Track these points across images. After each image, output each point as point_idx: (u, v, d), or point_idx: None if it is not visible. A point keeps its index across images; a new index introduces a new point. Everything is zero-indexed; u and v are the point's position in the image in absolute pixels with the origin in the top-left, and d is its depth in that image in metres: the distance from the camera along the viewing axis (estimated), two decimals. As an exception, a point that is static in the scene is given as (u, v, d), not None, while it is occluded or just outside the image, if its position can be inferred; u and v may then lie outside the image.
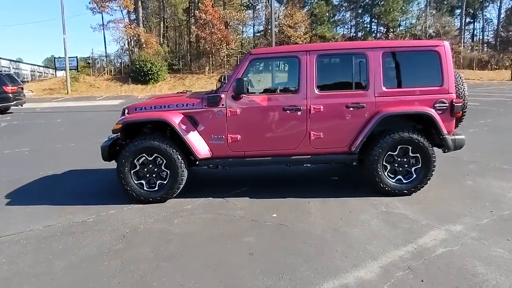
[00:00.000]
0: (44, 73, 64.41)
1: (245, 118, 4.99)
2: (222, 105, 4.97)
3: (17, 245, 3.88)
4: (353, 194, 5.10)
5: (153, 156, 4.95)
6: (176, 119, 4.89)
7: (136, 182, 4.98)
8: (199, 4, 37.54)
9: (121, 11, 38.69)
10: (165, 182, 4.99)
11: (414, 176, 5.02)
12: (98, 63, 40.10)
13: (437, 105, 4.94)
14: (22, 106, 17.66)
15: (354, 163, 5.24)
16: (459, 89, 5.33)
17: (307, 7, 42.85)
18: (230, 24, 39.14)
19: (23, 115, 16.79)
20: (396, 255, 3.46)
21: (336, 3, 45.02)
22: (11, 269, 3.41)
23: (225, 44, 37.63)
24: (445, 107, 4.95)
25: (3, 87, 16.50)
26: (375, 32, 45.62)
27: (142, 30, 36.71)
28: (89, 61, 40.52)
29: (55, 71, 40.78)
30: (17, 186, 5.96)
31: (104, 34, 45.06)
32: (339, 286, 3.02)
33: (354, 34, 44.12)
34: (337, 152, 5.06)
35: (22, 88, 18.11)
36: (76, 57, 37.26)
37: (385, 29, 44.92)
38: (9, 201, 5.26)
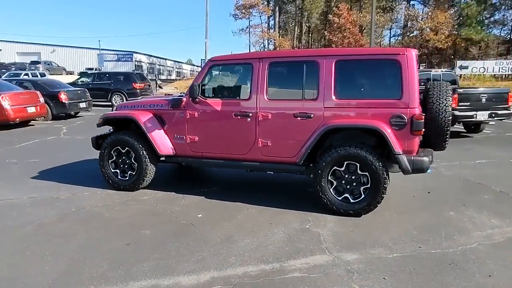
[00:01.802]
0: (201, 72, 71.92)
1: (201, 121, 5.23)
2: (184, 107, 5.31)
3: (-11, 208, 4.94)
4: (302, 207, 4.85)
5: (125, 149, 5.57)
6: (143, 118, 5.41)
7: (112, 170, 5.68)
8: (334, 8, 37.42)
9: (260, 16, 41.02)
10: (134, 173, 5.57)
11: (363, 196, 4.56)
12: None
13: (393, 120, 4.40)
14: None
15: (312, 176, 4.99)
16: (439, 103, 4.62)
17: (455, 7, 38.65)
18: (364, 28, 37.95)
19: (145, 109, 19.50)
20: (243, 271, 3.36)
21: (495, 1, 39.38)
22: (-36, 224, 4.41)
23: (357, 48, 36.72)
24: (403, 123, 4.37)
25: (133, 84, 19.48)
26: (544, 33, 38.51)
27: (276, 34, 38.34)
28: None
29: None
30: (57, 165, 7.27)
31: (249, 38, 48.21)
32: (147, 286, 3.14)
33: (514, 36, 38.06)
34: (285, 162, 4.90)
35: (149, 86, 21.04)
36: (218, 59, 40.92)
37: (559, 30, 37.56)
38: (36, 175, 6.52)
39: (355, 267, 3.42)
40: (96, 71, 25.87)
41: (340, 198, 4.63)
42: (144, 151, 5.40)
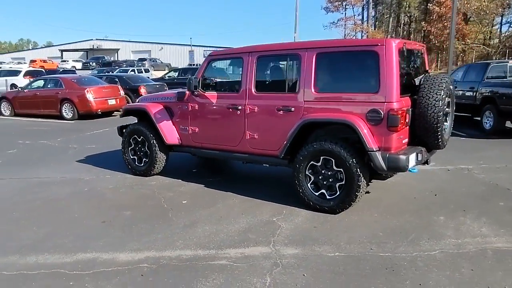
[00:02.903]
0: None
1: (200, 113, 5.50)
2: (187, 100, 5.63)
3: (22, 183, 5.83)
4: (287, 201, 4.79)
5: (141, 138, 6.08)
6: (153, 110, 5.85)
7: (131, 157, 6.25)
8: (435, -5, 34.67)
9: (352, 8, 39.73)
10: (147, 160, 6.06)
11: (338, 193, 4.41)
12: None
13: (370, 114, 4.18)
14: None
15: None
16: (429, 97, 4.26)
17: None
18: (470, 16, 34.45)
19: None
20: (178, 254, 3.56)
21: None
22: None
23: (460, 39, 33.61)
24: (379, 118, 4.13)
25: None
26: None
27: (369, 27, 36.86)
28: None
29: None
30: (106, 151, 8.15)
31: (345, 31, 46.80)
32: (88, 258, 3.52)
33: None
34: (270, 154, 4.93)
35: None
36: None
37: None
38: (82, 159, 7.40)
39: (284, 261, 3.40)
40: (187, 66, 27.69)
41: (317, 194, 4.54)
42: (154, 140, 5.85)
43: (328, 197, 4.47)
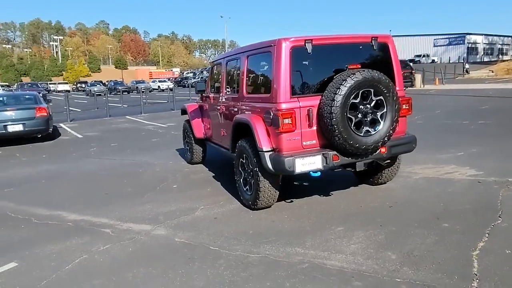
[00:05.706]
0: None
1: (207, 112, 6.36)
2: (203, 100, 6.57)
3: (118, 163, 7.96)
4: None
5: (188, 132, 7.34)
6: (190, 109, 7.03)
7: (186, 147, 7.59)
8: None
9: None
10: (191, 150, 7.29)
11: (252, 190, 4.58)
12: None
13: (264, 115, 4.25)
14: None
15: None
16: (327, 96, 3.98)
17: None
18: None
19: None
20: (96, 220, 4.70)
21: None
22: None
23: None
24: (269, 119, 4.16)
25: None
26: None
27: None
28: None
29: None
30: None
31: None
32: (54, 214, 5.08)
33: None
34: (228, 149, 5.37)
35: (411, 73, 20.32)
36: None
37: None
38: (179, 148, 9.14)
39: (140, 237, 4.11)
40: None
41: (245, 189, 4.80)
42: (191, 135, 7.04)
43: (248, 193, 4.69)
